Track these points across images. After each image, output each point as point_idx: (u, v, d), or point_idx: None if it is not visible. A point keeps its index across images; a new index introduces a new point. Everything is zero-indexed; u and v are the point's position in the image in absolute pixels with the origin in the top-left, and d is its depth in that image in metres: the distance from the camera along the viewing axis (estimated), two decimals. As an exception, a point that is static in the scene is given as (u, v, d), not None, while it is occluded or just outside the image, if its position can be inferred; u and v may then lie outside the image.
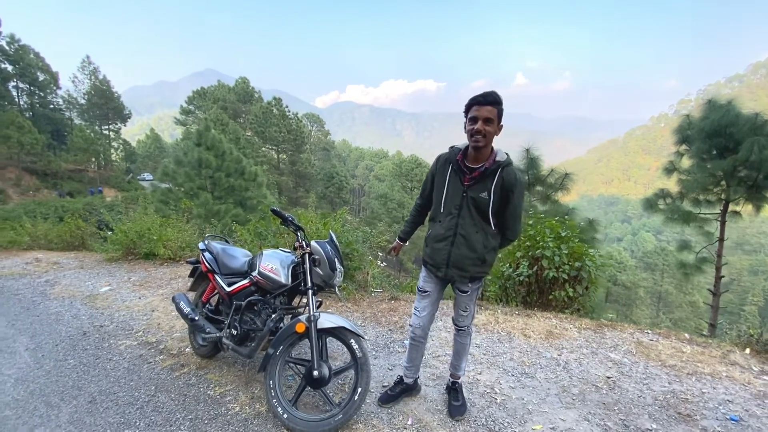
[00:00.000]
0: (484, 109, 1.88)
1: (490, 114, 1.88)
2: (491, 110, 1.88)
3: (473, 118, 1.91)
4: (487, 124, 1.89)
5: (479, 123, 1.89)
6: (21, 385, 2.85)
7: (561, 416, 2.28)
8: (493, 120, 1.89)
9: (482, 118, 1.88)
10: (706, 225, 9.52)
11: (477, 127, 1.89)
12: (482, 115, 1.88)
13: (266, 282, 2.55)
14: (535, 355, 3.01)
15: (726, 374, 2.70)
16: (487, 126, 1.89)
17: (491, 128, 1.90)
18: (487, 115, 1.88)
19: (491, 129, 1.91)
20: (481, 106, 1.89)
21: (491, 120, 1.89)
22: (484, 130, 1.89)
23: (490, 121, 1.89)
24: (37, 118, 39.18)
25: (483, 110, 1.88)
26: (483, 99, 1.89)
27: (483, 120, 1.88)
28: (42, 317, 4.23)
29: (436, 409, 2.38)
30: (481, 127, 1.89)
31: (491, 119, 1.89)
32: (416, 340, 2.37)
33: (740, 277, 44.34)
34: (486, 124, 1.89)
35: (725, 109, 8.26)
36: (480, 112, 1.89)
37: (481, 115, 1.88)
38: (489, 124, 1.89)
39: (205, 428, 2.26)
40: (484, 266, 2.13)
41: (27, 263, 6.95)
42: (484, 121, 1.88)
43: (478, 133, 1.90)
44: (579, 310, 4.26)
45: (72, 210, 21.38)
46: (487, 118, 1.88)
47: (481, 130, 1.89)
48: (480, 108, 1.89)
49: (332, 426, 2.16)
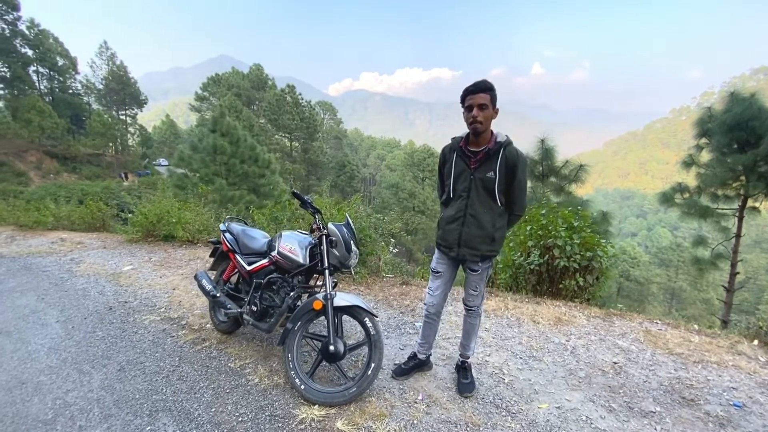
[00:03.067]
0: (477, 96, 2.05)
1: (484, 100, 2.04)
2: (484, 96, 2.04)
3: (469, 106, 2.08)
4: (482, 110, 2.05)
5: (475, 110, 2.05)
6: (54, 353, 3.04)
7: (567, 397, 2.36)
8: (487, 105, 2.05)
9: (476, 105, 2.05)
10: (723, 220, 9.37)
11: (473, 113, 2.06)
12: (476, 102, 2.05)
13: (285, 261, 2.67)
14: (543, 340, 3.09)
15: (732, 363, 2.74)
16: (482, 111, 2.05)
17: (487, 113, 2.06)
18: (481, 101, 2.04)
19: (487, 114, 2.06)
20: (474, 95, 2.05)
21: (485, 105, 2.05)
22: (481, 115, 2.05)
23: (484, 106, 2.05)
24: (56, 102, 40.00)
25: (476, 98, 2.05)
26: (475, 88, 2.06)
27: (478, 107, 2.05)
28: (70, 293, 4.45)
29: (445, 386, 2.48)
30: (477, 113, 2.05)
31: (485, 104, 2.05)
32: (430, 317, 2.49)
33: (757, 276, 43.30)
34: (481, 110, 2.05)
35: (748, 102, 8.06)
36: (474, 100, 2.05)
37: (475, 103, 2.05)
38: (484, 110, 2.05)
39: (227, 397, 2.40)
40: (494, 244, 2.23)
41: (52, 242, 7.25)
42: (479, 107, 2.05)
43: (474, 119, 2.06)
44: (589, 300, 4.30)
45: (91, 194, 21.96)
46: (481, 104, 2.05)
47: (478, 116, 2.05)
48: (473, 96, 2.06)
49: (347, 397, 2.28)
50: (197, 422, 2.17)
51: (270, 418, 2.19)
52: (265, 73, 49.38)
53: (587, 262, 4.09)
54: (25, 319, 3.70)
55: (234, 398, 2.38)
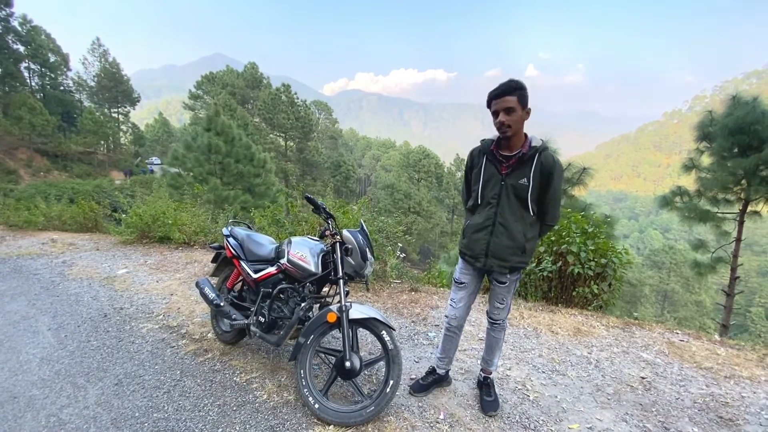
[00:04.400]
0: (501, 101, 1.92)
1: (510, 103, 1.91)
2: (509, 99, 1.91)
3: (495, 112, 1.96)
4: (509, 114, 1.92)
5: (501, 115, 1.93)
6: (46, 364, 2.85)
7: (597, 416, 2.23)
8: (514, 108, 1.91)
9: (502, 109, 1.93)
10: (723, 224, 9.35)
11: (500, 119, 1.94)
12: (502, 107, 1.93)
13: (296, 270, 2.50)
14: (564, 352, 2.96)
15: (765, 378, 2.63)
16: (509, 116, 1.92)
17: (515, 116, 1.92)
18: (506, 105, 1.92)
19: (515, 117, 1.93)
20: (499, 98, 1.93)
21: (512, 108, 1.92)
22: (507, 119, 1.92)
23: (511, 110, 1.92)
24: (47, 99, 39.25)
25: (501, 102, 1.92)
26: (499, 91, 1.93)
27: (504, 111, 1.93)
28: (62, 298, 4.25)
29: (467, 404, 2.34)
30: (503, 119, 1.93)
31: (512, 108, 1.91)
32: (451, 331, 2.34)
33: (748, 278, 43.82)
34: (508, 114, 1.92)
35: (750, 106, 8.04)
36: (499, 105, 1.93)
37: (500, 107, 1.93)
38: (511, 113, 1.92)
39: (234, 415, 2.23)
40: (525, 256, 2.09)
41: (43, 243, 7.00)
42: (504, 111, 1.92)
43: (502, 124, 1.94)
44: (601, 307, 4.19)
45: (82, 192, 21.54)
46: (507, 108, 1.92)
47: (504, 122, 1.93)
48: (498, 101, 1.94)
49: (364, 417, 2.12)
50: (203, 445, 2.01)
51: (282, 440, 2.04)
52: (260, 72, 48.98)
53: (602, 268, 3.98)
54: (16, 326, 3.50)
55: (242, 417, 2.22)
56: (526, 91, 1.93)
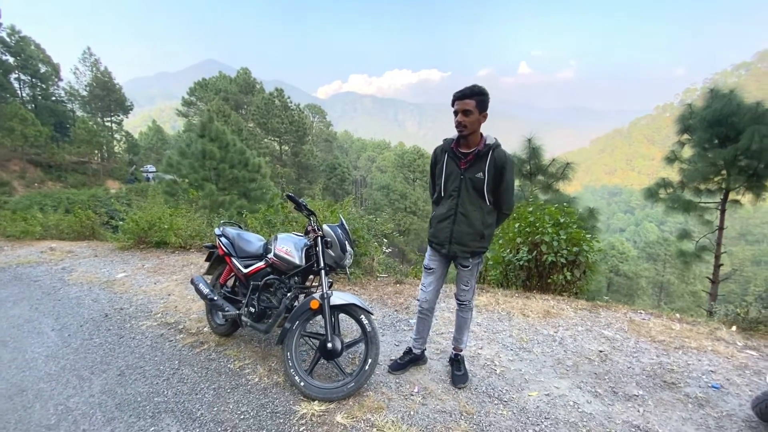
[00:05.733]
0: (462, 102, 2.15)
1: (468, 106, 2.14)
2: (468, 102, 2.14)
3: (455, 111, 2.19)
4: (466, 115, 2.16)
5: (459, 115, 2.17)
6: (52, 361, 3.06)
7: (555, 384, 2.48)
8: (471, 111, 2.14)
9: (461, 110, 2.16)
10: (706, 214, 9.63)
11: (458, 119, 2.18)
12: (460, 108, 2.16)
13: (282, 263, 2.74)
14: (532, 332, 3.21)
15: (711, 348, 2.88)
16: (466, 117, 2.15)
17: (472, 118, 2.16)
18: (465, 107, 2.14)
19: (472, 119, 2.16)
20: (460, 100, 2.16)
21: (470, 111, 2.14)
22: (464, 120, 2.16)
23: (468, 112, 2.15)
24: (39, 110, 39.23)
25: (461, 104, 2.16)
26: (460, 94, 2.16)
27: (462, 112, 2.16)
28: (63, 301, 4.45)
29: (440, 379, 2.58)
30: (461, 119, 2.17)
31: (469, 110, 2.14)
32: (423, 313, 2.58)
33: (743, 268, 44.30)
34: (465, 115, 2.16)
35: (727, 99, 8.31)
36: (459, 106, 2.16)
37: (459, 108, 2.16)
38: (468, 115, 2.15)
39: (228, 397, 2.46)
40: (483, 241, 2.34)
41: (42, 252, 7.18)
42: (462, 113, 2.16)
43: (459, 124, 2.18)
44: (576, 293, 4.44)
45: (78, 202, 21.64)
46: (465, 109, 2.15)
47: (462, 121, 2.17)
48: (459, 102, 2.16)
49: (345, 393, 2.36)
50: (200, 422, 2.23)
51: (271, 414, 2.26)
52: (253, 77, 49.14)
53: (574, 256, 4.23)
54: (20, 329, 3.70)
55: (235, 397, 2.44)
56: (486, 98, 2.16)
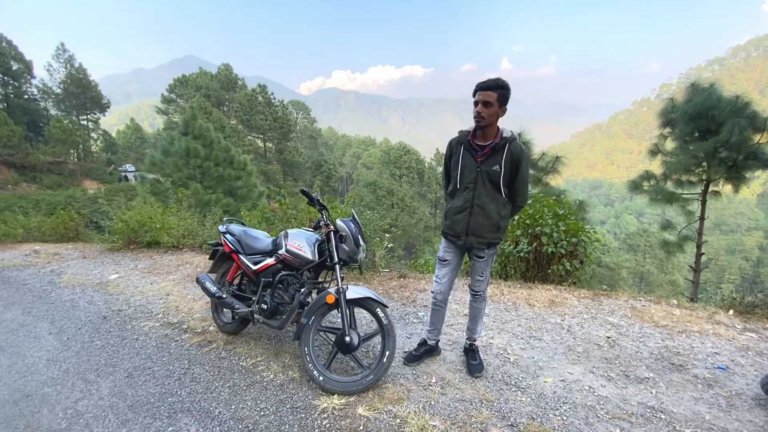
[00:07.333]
0: (484, 93, 2.16)
1: (488, 98, 2.15)
2: (489, 94, 2.15)
3: (475, 102, 2.19)
4: (486, 107, 2.16)
5: (479, 106, 2.17)
6: (53, 365, 2.96)
7: (569, 370, 2.54)
8: (491, 103, 2.15)
9: (481, 101, 2.16)
10: (688, 205, 9.95)
11: (477, 109, 2.18)
12: (482, 99, 2.16)
13: (294, 259, 2.72)
14: (540, 321, 3.28)
15: (713, 332, 3.00)
16: (486, 108, 2.16)
17: (491, 110, 2.16)
18: (486, 98, 2.15)
19: (491, 111, 2.17)
20: (483, 91, 2.16)
21: (489, 103, 2.15)
22: (484, 111, 2.16)
23: (488, 104, 2.16)
24: (11, 109, 37.62)
25: (484, 95, 2.16)
26: (484, 85, 2.16)
27: (482, 103, 2.16)
28: (57, 304, 4.31)
29: (456, 369, 2.61)
30: (480, 110, 2.17)
31: (489, 102, 2.15)
32: (437, 305, 2.60)
33: (718, 257, 46.07)
34: (485, 107, 2.16)
35: (708, 92, 8.58)
36: (481, 97, 2.16)
37: (481, 99, 2.16)
38: (488, 107, 2.16)
39: (245, 394, 2.43)
40: (499, 232, 2.37)
41: (26, 255, 6.93)
42: (483, 104, 2.16)
43: (478, 114, 2.18)
44: (575, 283, 4.55)
45: (54, 203, 20.91)
46: (485, 101, 2.16)
47: (480, 112, 2.16)
48: (482, 93, 2.16)
49: (365, 385, 2.36)
50: (219, 420, 2.20)
51: (292, 410, 2.25)
52: (235, 74, 48.27)
53: (572, 247, 4.32)
54: (15, 333, 3.57)
55: (252, 394, 2.42)
56: (507, 92, 2.16)
